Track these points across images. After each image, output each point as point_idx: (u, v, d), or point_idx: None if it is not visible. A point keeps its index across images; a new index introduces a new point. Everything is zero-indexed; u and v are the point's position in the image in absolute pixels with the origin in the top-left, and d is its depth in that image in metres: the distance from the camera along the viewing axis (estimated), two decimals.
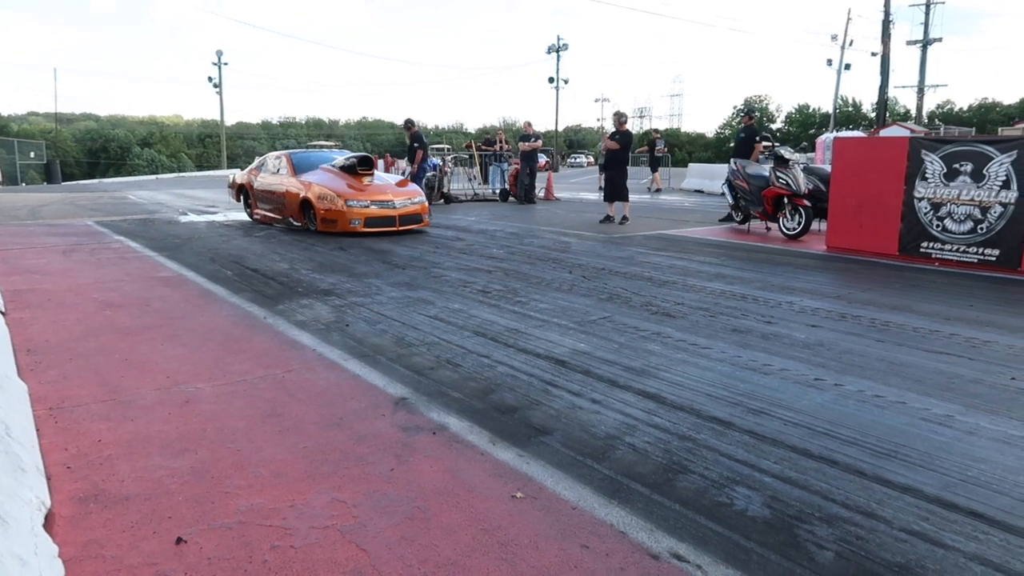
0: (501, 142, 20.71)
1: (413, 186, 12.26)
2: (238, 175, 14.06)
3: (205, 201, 18.68)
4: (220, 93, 54.26)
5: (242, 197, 13.63)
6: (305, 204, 11.10)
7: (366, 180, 11.35)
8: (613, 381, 4.02)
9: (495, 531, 2.47)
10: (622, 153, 12.71)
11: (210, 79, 53.57)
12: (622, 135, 12.74)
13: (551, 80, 53.64)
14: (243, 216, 13.49)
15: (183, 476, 2.86)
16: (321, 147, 43.32)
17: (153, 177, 44.67)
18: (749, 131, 13.22)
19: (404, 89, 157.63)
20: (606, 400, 3.72)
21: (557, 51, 53.55)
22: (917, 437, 3.27)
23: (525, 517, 2.56)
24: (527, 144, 17.00)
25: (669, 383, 3.99)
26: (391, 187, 11.56)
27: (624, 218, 12.70)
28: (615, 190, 12.75)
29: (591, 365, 4.30)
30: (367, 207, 10.69)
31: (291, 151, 13.31)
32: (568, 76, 55.70)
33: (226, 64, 52.78)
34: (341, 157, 12.37)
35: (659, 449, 3.13)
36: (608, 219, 12.82)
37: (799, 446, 3.16)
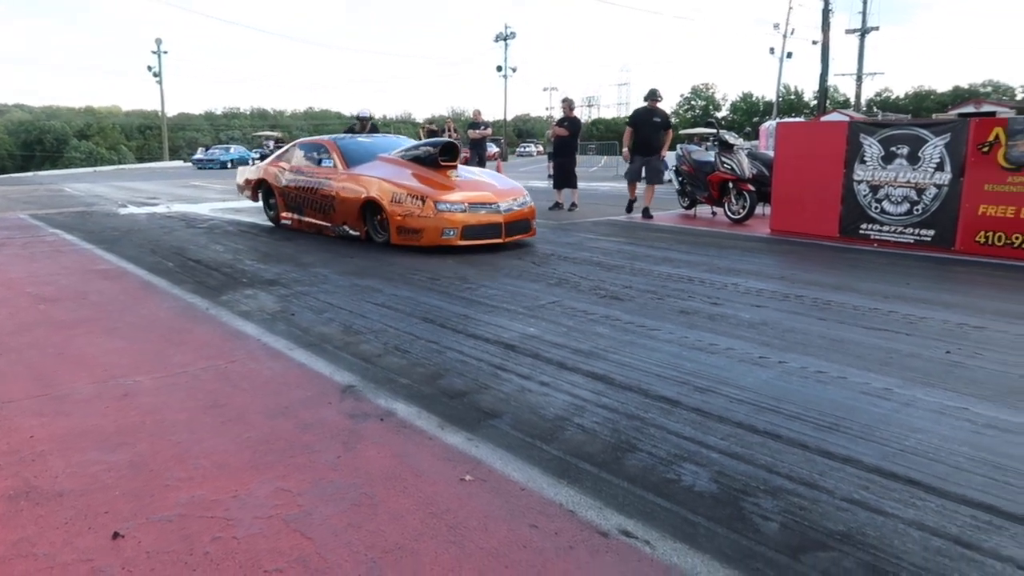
0: (450, 131, 20.57)
1: (513, 182, 9.40)
2: (250, 171, 11.46)
3: (146, 193, 18.17)
4: (160, 83, 52.81)
5: (262, 197, 10.94)
6: (369, 208, 8.45)
7: (452, 175, 8.59)
8: (562, 364, 4.02)
9: (444, 514, 2.44)
10: (571, 140, 12.74)
11: (149, 68, 52.10)
12: (571, 122, 12.76)
13: (499, 69, 53.53)
14: (191, 207, 13.07)
15: (120, 470, 2.77)
16: (266, 138, 42.43)
17: (91, 170, 43.27)
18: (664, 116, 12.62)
19: (351, 79, 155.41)
20: (555, 382, 3.72)
21: (505, 39, 53.46)
22: (857, 410, 3.35)
23: (474, 500, 2.55)
24: (476, 132, 16.91)
25: (617, 364, 4.01)
26: (488, 183, 8.65)
27: (573, 205, 12.75)
28: (564, 177, 12.79)
29: (540, 349, 4.30)
30: (464, 211, 7.88)
31: (336, 137, 10.25)
32: (517, 65, 55.64)
33: (166, 53, 51.38)
34: (406, 143, 9.91)
35: (608, 429, 3.14)
36: (557, 206, 12.85)
37: (744, 422, 3.21)
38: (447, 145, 8.70)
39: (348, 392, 3.61)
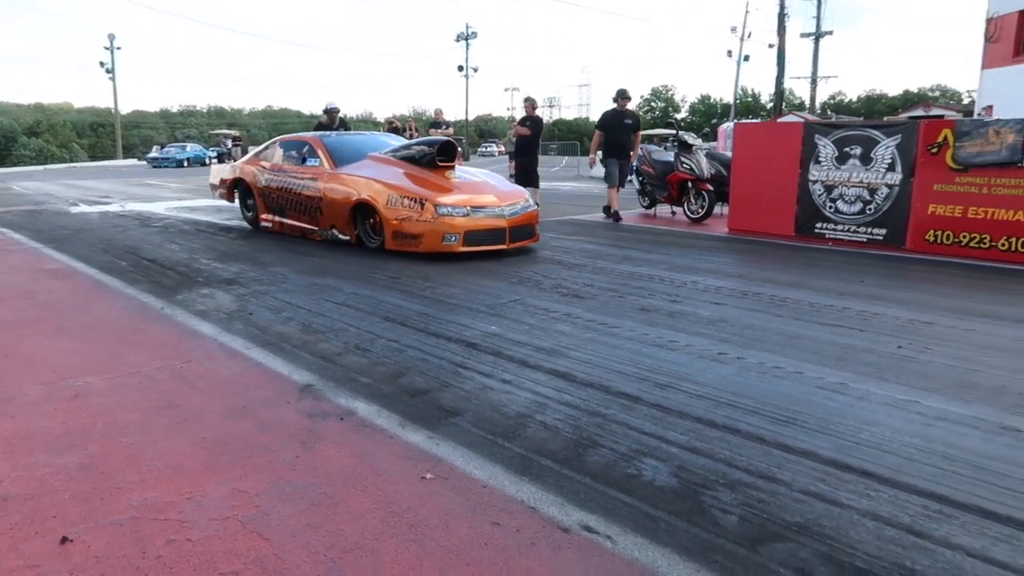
0: (412, 130, 20.43)
1: (514, 185, 9.23)
2: (225, 169, 10.74)
3: (98, 191, 17.72)
4: (113, 79, 51.55)
5: (239, 197, 10.25)
6: (360, 210, 7.94)
7: (451, 176, 8.09)
8: (524, 361, 4.02)
9: (404, 513, 2.42)
10: (533, 139, 12.70)
11: (102, 64, 50.77)
12: (533, 121, 12.70)
13: (461, 68, 53.43)
14: (146, 206, 12.74)
15: (70, 473, 2.69)
16: (224, 136, 41.72)
17: (41, 168, 42.07)
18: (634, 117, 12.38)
19: (310, 77, 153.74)
20: (517, 380, 3.72)
21: (467, 39, 53.41)
22: (813, 404, 3.40)
23: (435, 498, 2.53)
24: (438, 132, 16.83)
25: (579, 361, 4.02)
26: (490, 185, 8.16)
27: (535, 204, 12.71)
28: (527, 176, 12.75)
29: (502, 346, 4.29)
30: (466, 215, 7.38)
31: (320, 134, 9.63)
32: (478, 65, 55.56)
33: (119, 48, 50.13)
34: (396, 142, 9.39)
35: (569, 425, 3.15)
36: None
37: (704, 417, 3.24)
38: (445, 144, 8.17)
39: (307, 391, 3.56)
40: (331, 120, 12.55)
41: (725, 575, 2.10)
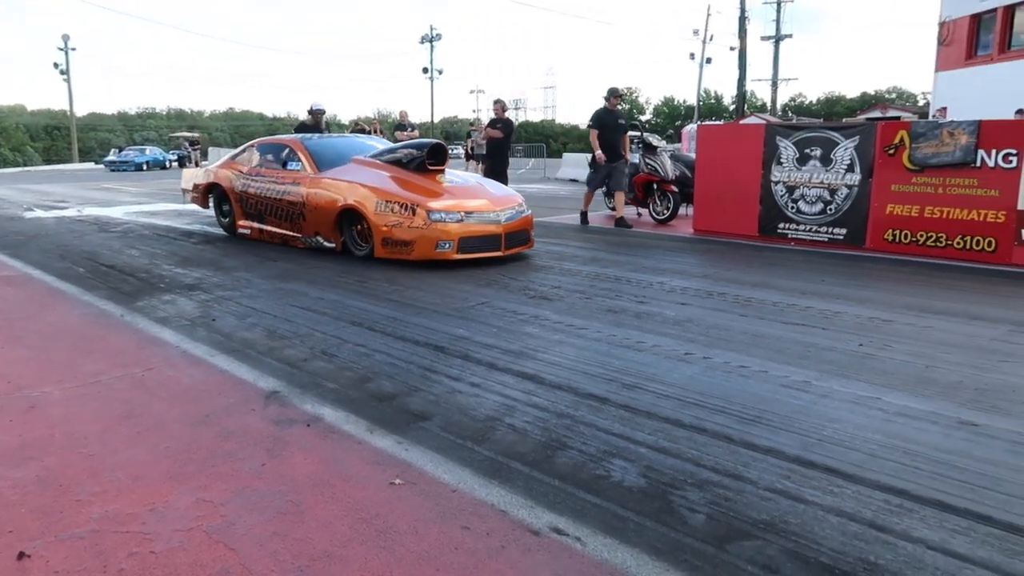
0: (376, 133, 20.31)
1: (508, 188, 8.91)
2: (198, 173, 10.38)
3: (54, 196, 17.31)
4: (68, 81, 50.44)
5: (214, 203, 9.84)
6: (346, 216, 7.64)
7: (441, 179, 7.80)
8: (492, 364, 4.01)
9: (373, 519, 2.40)
10: (504, 142, 12.55)
11: (56, 65, 49.62)
12: (504, 123, 12.58)
13: (425, 71, 53.29)
14: (104, 211, 12.44)
15: (26, 486, 2.61)
16: (183, 139, 40.95)
17: None
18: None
19: (273, 79, 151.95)
20: (485, 383, 3.71)
21: (431, 41, 53.29)
22: (778, 402, 3.45)
23: (404, 503, 2.51)
24: (403, 134, 16.75)
25: (547, 363, 4.03)
26: (483, 189, 7.93)
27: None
28: (498, 179, 12.63)
29: (470, 349, 4.28)
30: (460, 221, 7.12)
31: (301, 137, 9.19)
32: (443, 67, 55.45)
33: (74, 49, 49.05)
34: (381, 144, 9.13)
35: (538, 428, 3.15)
36: None
37: (671, 417, 3.27)
38: (435, 147, 7.85)
39: (272, 398, 3.51)
40: (316, 121, 12.06)
41: (694, 574, 2.12)
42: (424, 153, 7.76)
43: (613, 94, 10.67)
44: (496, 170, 12.50)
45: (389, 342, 4.45)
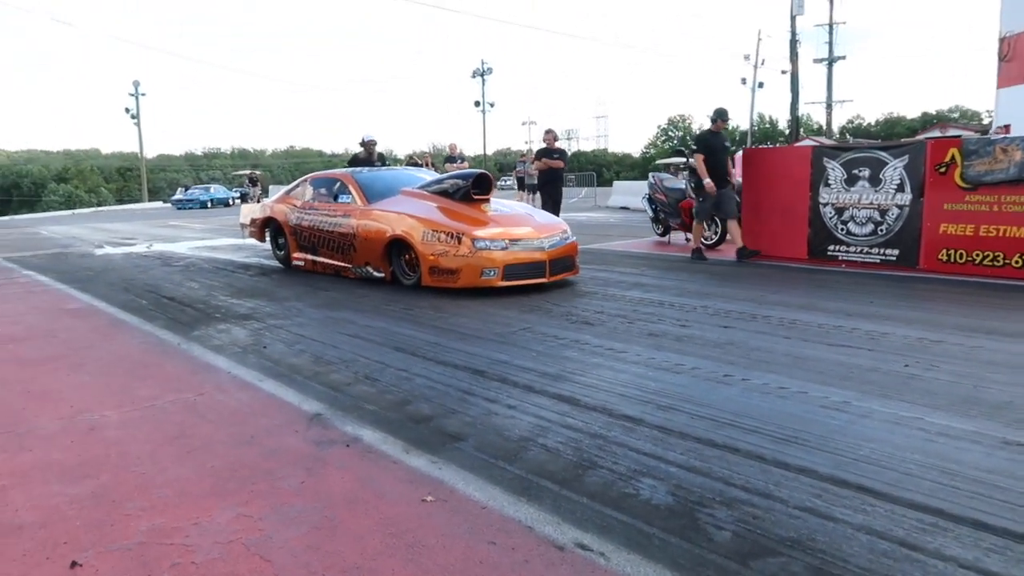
0: (427, 165, 20.73)
1: (552, 216, 9.00)
2: (255, 209, 10.81)
3: (122, 234, 18.12)
4: (138, 124, 52.83)
5: (270, 237, 10.19)
6: (395, 246, 7.83)
7: (487, 209, 7.90)
8: (529, 387, 4.07)
9: (403, 534, 2.47)
10: (560, 171, 12.22)
11: (127, 110, 52.11)
12: (559, 153, 12.53)
13: (477, 104, 54.13)
14: (168, 246, 12.98)
15: (82, 502, 2.77)
16: (244, 177, 42.39)
17: (69, 212, 43.09)
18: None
19: (332, 117, 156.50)
20: (521, 405, 3.77)
21: (482, 75, 54.18)
22: (815, 423, 3.42)
23: (434, 519, 2.58)
24: (453, 165, 17.07)
25: (584, 386, 4.06)
26: (527, 217, 8.04)
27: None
28: (556, 208, 12.05)
29: (508, 373, 4.35)
30: (505, 249, 7.22)
31: (352, 170, 9.59)
32: (494, 100, 56.25)
33: (144, 95, 51.43)
34: (428, 176, 9.33)
35: (570, 448, 3.19)
36: None
37: (704, 437, 3.27)
38: (480, 177, 8.05)
39: (315, 420, 3.63)
40: (368, 152, 12.29)
41: None
42: (469, 183, 7.93)
43: (721, 116, 9.74)
44: (555, 199, 12.09)
45: (430, 366, 4.55)
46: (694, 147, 9.72)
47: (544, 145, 12.28)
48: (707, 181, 9.25)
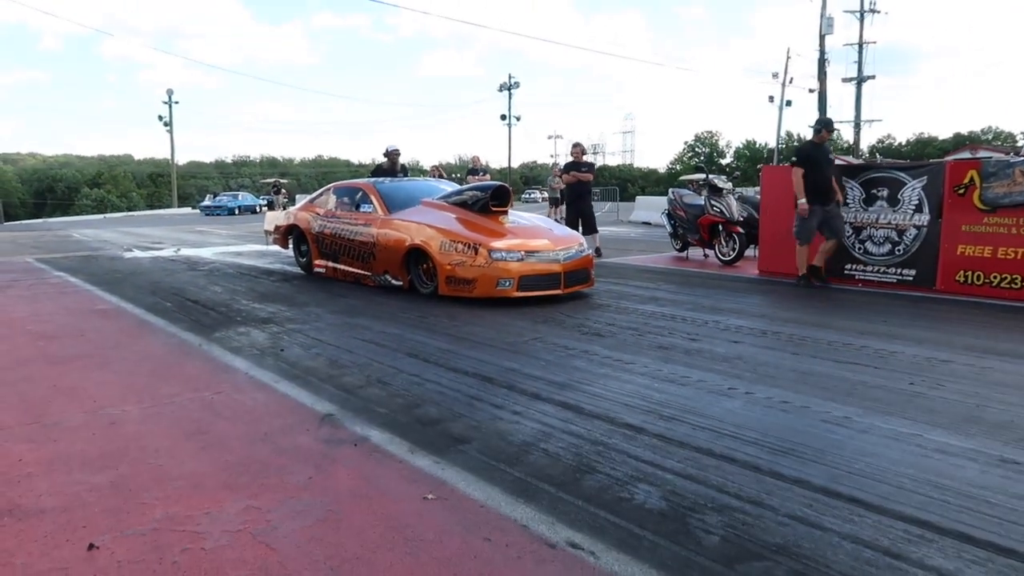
0: (441, 177, 20.90)
1: (568, 229, 9.03)
2: (279, 216, 11.07)
3: (152, 238, 18.51)
4: (171, 132, 53.93)
5: (293, 244, 10.48)
6: (413, 256, 7.99)
7: (504, 220, 8.06)
8: (536, 394, 4.16)
9: (403, 529, 2.58)
10: (589, 184, 12.30)
11: (160, 118, 53.21)
12: (588, 166, 12.59)
13: (503, 117, 54.48)
14: (195, 251, 13.27)
15: (101, 490, 2.91)
16: (270, 184, 43.04)
17: (100, 216, 43.96)
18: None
19: (359, 127, 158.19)
20: (526, 411, 3.86)
21: (509, 89, 54.55)
22: (814, 436, 3.47)
23: (433, 516, 2.68)
24: (475, 178, 17.24)
25: (589, 395, 4.15)
26: (544, 229, 8.12)
27: (597, 250, 11.60)
28: (588, 221, 12.05)
29: (516, 381, 4.45)
30: (520, 260, 7.35)
31: (374, 181, 9.80)
32: (521, 114, 56.55)
33: (177, 103, 52.50)
34: (448, 188, 9.48)
35: (571, 453, 3.28)
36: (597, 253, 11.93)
37: (703, 447, 3.34)
38: (499, 189, 8.18)
39: (326, 420, 3.75)
40: (392, 162, 12.50)
41: None
42: (488, 195, 8.07)
43: (826, 126, 8.82)
44: (585, 213, 12.02)
45: (441, 372, 4.67)
46: (794, 159, 8.76)
47: (572, 159, 12.38)
48: (802, 201, 8.33)
